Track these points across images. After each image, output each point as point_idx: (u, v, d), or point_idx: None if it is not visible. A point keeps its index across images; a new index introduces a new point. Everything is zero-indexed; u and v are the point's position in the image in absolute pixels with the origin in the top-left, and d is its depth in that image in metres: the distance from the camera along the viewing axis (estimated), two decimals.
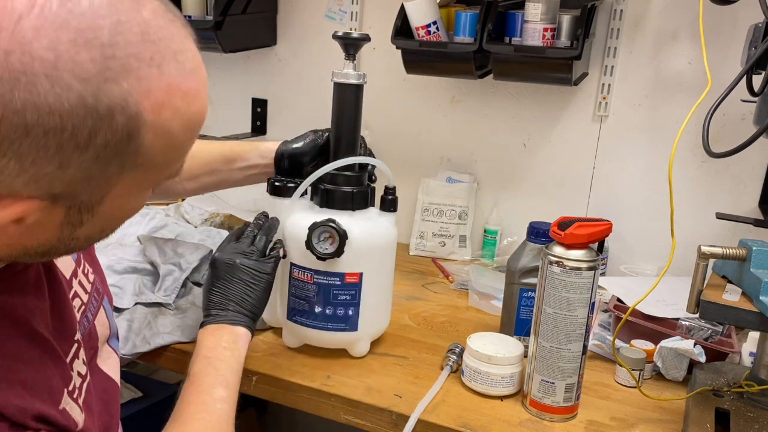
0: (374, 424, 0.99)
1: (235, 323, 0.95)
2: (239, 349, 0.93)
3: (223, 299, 0.97)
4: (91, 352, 0.79)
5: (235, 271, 0.98)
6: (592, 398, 1.04)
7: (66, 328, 0.69)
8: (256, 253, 1.00)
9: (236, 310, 0.96)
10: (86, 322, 0.77)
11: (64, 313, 0.69)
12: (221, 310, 0.96)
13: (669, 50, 1.49)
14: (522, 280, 1.13)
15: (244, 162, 1.16)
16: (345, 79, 1.05)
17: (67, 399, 0.65)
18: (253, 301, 0.98)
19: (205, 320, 0.96)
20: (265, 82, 1.94)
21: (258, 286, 0.99)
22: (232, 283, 0.98)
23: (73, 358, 0.69)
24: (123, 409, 1.50)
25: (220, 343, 0.92)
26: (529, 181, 1.68)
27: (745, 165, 1.46)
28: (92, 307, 0.80)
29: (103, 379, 0.82)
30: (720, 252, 0.92)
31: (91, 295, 0.80)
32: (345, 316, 1.07)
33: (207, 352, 0.91)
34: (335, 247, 1.01)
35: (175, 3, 2.03)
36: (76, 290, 0.76)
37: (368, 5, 1.76)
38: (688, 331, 1.21)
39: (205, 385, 0.86)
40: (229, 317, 0.95)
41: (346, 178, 1.06)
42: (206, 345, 0.92)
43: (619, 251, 1.59)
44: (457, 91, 1.71)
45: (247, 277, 0.98)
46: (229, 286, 0.98)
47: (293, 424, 1.94)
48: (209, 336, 0.93)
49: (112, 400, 0.83)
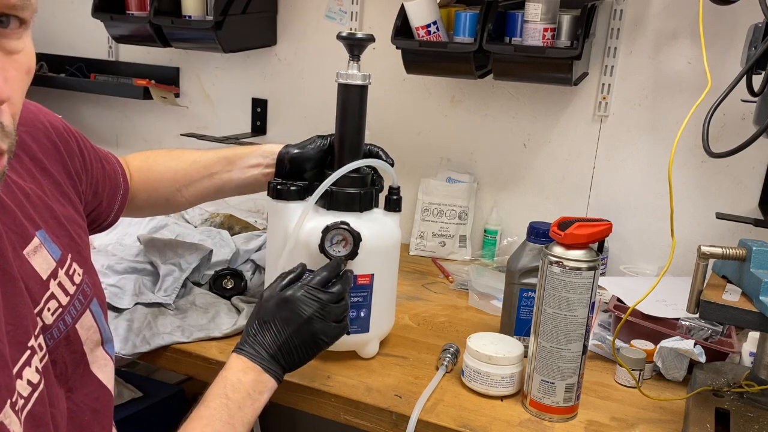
0: (374, 424, 0.99)
1: (269, 371, 0.89)
2: (262, 400, 0.88)
3: (264, 338, 0.90)
4: (72, 356, 0.76)
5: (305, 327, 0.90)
6: (592, 398, 1.04)
7: (19, 333, 0.66)
8: (332, 317, 0.93)
9: (275, 357, 0.89)
10: (62, 325, 0.74)
11: (17, 317, 0.67)
12: (261, 347, 0.89)
13: (669, 50, 1.49)
14: (522, 280, 1.13)
15: (245, 162, 1.15)
16: (350, 80, 1.05)
17: (8, 411, 0.62)
18: (298, 361, 0.92)
19: (246, 349, 0.89)
20: (265, 82, 1.94)
21: (313, 352, 0.93)
22: (296, 336, 0.90)
23: (24, 366, 0.66)
24: (123, 409, 1.52)
25: (246, 387, 0.86)
26: (529, 181, 1.68)
27: (745, 165, 1.46)
28: (73, 310, 0.77)
29: (96, 386, 0.80)
30: (720, 252, 0.92)
31: (74, 297, 0.77)
32: (357, 317, 1.06)
33: (230, 391, 0.85)
34: (348, 249, 1.01)
35: (175, 3, 2.03)
36: (54, 291, 0.74)
37: (368, 5, 1.76)
38: (688, 331, 1.21)
39: (210, 429, 0.81)
40: (267, 363, 0.89)
41: (351, 180, 1.05)
42: (232, 381, 0.86)
43: (619, 251, 1.59)
44: (457, 91, 1.71)
45: (307, 333, 0.91)
46: (291, 337, 0.90)
47: (293, 424, 1.94)
48: (239, 372, 0.87)
49: (104, 409, 0.81)
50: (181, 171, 1.17)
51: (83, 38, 2.17)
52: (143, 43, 1.90)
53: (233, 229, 1.53)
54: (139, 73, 2.06)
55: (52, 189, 0.81)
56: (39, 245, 0.74)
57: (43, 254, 0.74)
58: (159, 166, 1.17)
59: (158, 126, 2.12)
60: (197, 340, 1.14)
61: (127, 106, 2.15)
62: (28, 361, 0.67)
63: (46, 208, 0.78)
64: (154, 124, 2.13)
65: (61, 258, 0.77)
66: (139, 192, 1.16)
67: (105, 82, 2.10)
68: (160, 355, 1.13)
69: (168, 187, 1.17)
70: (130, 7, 1.83)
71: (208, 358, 1.10)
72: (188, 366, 1.12)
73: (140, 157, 1.19)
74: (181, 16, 1.77)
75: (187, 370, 1.13)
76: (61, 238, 0.78)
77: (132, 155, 1.20)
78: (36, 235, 0.74)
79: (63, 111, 2.02)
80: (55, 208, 0.80)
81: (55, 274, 0.75)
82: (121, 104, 2.16)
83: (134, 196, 1.16)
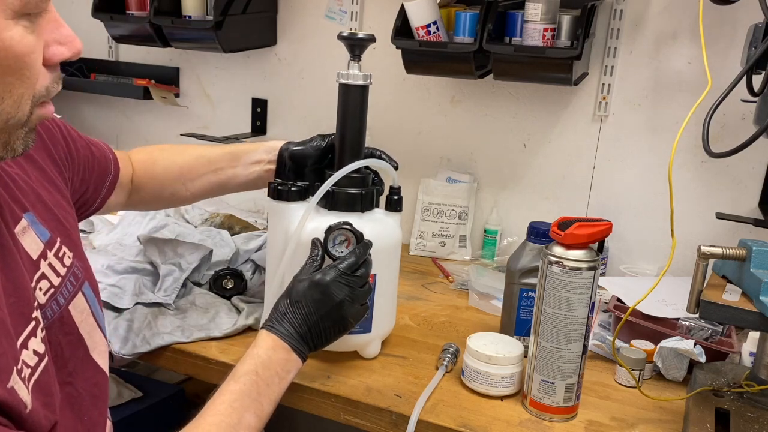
0: (374, 424, 0.99)
1: (300, 353, 0.90)
2: (288, 379, 0.89)
3: (296, 318, 0.91)
4: (67, 338, 0.77)
5: (336, 310, 0.93)
6: (592, 398, 1.04)
7: (21, 304, 0.68)
8: (359, 300, 0.96)
9: (304, 337, 0.91)
10: (55, 305, 0.76)
11: (18, 290, 0.68)
12: (291, 326, 0.90)
13: (669, 50, 1.49)
14: (522, 280, 1.13)
15: (250, 158, 1.16)
16: (351, 80, 1.05)
17: (16, 378, 0.63)
18: (325, 341, 0.94)
19: (277, 327, 0.91)
20: (265, 82, 1.94)
21: (340, 334, 0.95)
22: (326, 318, 0.92)
23: (29, 336, 0.68)
24: (123, 409, 1.51)
25: (275, 365, 0.87)
26: (529, 181, 1.68)
27: (745, 165, 1.46)
28: (65, 291, 0.78)
29: (95, 372, 0.81)
30: (720, 252, 0.92)
31: (66, 278, 0.78)
32: None
33: (260, 369, 0.86)
34: (351, 249, 1.01)
35: (175, 3, 2.03)
36: (45, 272, 0.75)
37: (368, 5, 1.76)
38: (688, 331, 1.21)
39: (238, 404, 0.81)
40: (296, 343, 0.90)
41: (352, 180, 1.05)
42: (263, 359, 0.87)
43: (619, 251, 1.59)
44: (457, 91, 1.71)
45: (339, 319, 0.93)
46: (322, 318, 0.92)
47: (293, 424, 1.94)
48: (269, 350, 0.88)
49: (102, 394, 0.82)
50: (186, 165, 1.17)
51: (83, 38, 2.11)
52: (143, 43, 1.90)
53: (233, 229, 1.53)
54: (139, 73, 2.06)
55: (37, 175, 0.82)
56: (27, 226, 0.75)
57: (32, 235, 0.75)
58: (164, 161, 1.18)
59: (158, 126, 2.12)
60: (197, 340, 1.14)
61: (127, 106, 2.15)
62: (33, 331, 0.69)
63: (33, 192, 0.79)
64: (154, 124, 2.13)
65: (50, 240, 0.77)
66: (144, 185, 1.16)
67: (105, 82, 2.11)
68: (160, 355, 1.13)
69: (173, 181, 1.18)
70: (130, 7, 1.83)
71: (208, 358, 1.10)
72: (188, 366, 1.12)
73: (145, 151, 1.20)
74: (181, 16, 1.77)
75: (187, 370, 1.13)
76: (48, 221, 0.79)
77: (136, 149, 1.20)
78: (23, 216, 0.75)
79: (63, 111, 2.02)
80: (42, 193, 0.81)
81: (44, 255, 0.76)
82: (121, 104, 2.16)
83: (138, 189, 1.16)
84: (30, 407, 0.65)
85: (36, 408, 0.66)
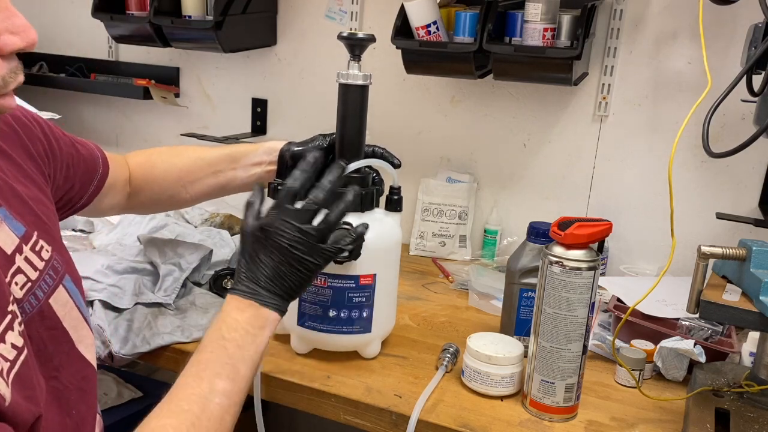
0: (374, 424, 0.99)
1: (267, 305, 0.82)
2: (264, 335, 0.82)
3: (254, 273, 0.83)
4: (49, 332, 0.76)
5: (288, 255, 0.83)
6: (592, 398, 1.04)
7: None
8: (314, 237, 0.85)
9: (268, 289, 0.83)
10: (34, 299, 0.75)
11: None
12: (252, 283, 0.83)
13: (669, 50, 1.49)
14: (522, 280, 1.13)
15: (249, 159, 1.15)
16: (351, 80, 1.05)
17: None
18: (296, 287, 0.85)
19: (238, 288, 0.84)
20: (265, 82, 1.94)
21: (307, 276, 0.85)
22: (282, 264, 0.83)
23: (6, 330, 0.67)
24: (123, 409, 1.51)
25: (243, 324, 0.81)
26: (529, 180, 1.68)
27: (745, 165, 1.46)
28: (44, 285, 0.77)
29: (82, 366, 0.81)
30: (720, 252, 0.92)
31: (44, 272, 0.77)
32: (359, 318, 1.06)
33: (226, 332, 0.80)
34: None
35: (175, 3, 2.03)
36: (20, 266, 0.74)
37: (368, 5, 1.76)
38: (688, 331, 1.21)
39: (207, 372, 0.77)
40: (263, 298, 0.83)
41: (351, 180, 1.05)
42: (227, 322, 0.81)
43: (619, 251, 1.59)
44: (457, 91, 1.71)
45: (292, 260, 0.84)
46: (278, 266, 0.83)
47: (293, 424, 1.94)
48: (234, 311, 0.82)
49: (89, 388, 0.82)
50: (185, 168, 1.17)
51: (83, 38, 2.17)
52: (143, 43, 1.90)
53: (233, 229, 1.53)
54: (139, 73, 2.06)
55: (13, 170, 0.82)
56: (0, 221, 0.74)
57: (5, 230, 0.74)
58: (162, 163, 1.18)
59: (158, 126, 2.12)
60: (197, 340, 1.13)
61: (127, 106, 2.15)
62: (10, 324, 0.68)
63: (7, 187, 0.79)
64: (154, 124, 2.13)
65: (25, 234, 0.77)
66: (143, 189, 1.16)
67: (105, 82, 2.11)
68: (160, 355, 1.13)
69: (172, 184, 1.17)
70: (130, 7, 1.83)
71: None
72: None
73: (142, 154, 1.19)
74: (181, 16, 1.78)
75: None
76: (25, 216, 0.79)
77: (134, 152, 1.20)
78: None
79: (63, 111, 2.02)
80: (17, 188, 0.80)
81: (20, 250, 0.75)
82: (121, 104, 2.16)
83: (137, 192, 1.16)
84: (9, 400, 0.64)
85: (16, 401, 0.65)
